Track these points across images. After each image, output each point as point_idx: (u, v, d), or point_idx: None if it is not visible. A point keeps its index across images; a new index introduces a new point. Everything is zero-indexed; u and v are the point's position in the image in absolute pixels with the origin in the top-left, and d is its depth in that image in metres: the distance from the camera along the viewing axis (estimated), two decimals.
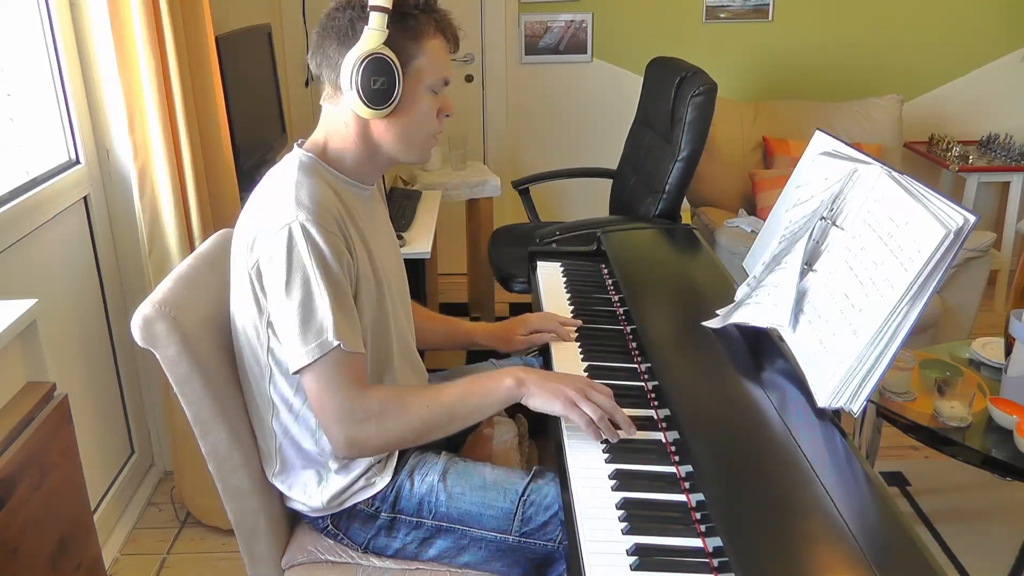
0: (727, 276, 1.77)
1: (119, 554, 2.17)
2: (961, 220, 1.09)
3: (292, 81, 3.68)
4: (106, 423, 2.26)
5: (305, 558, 1.39)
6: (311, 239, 1.18)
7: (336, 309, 1.19)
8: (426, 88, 1.28)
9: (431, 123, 1.32)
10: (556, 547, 1.28)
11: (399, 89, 1.24)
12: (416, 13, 1.26)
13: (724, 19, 3.68)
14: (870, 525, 1.00)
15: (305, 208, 1.19)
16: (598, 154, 3.68)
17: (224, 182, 2.21)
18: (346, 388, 1.20)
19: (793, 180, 1.57)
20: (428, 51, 1.27)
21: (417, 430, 1.27)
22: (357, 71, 1.22)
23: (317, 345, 1.18)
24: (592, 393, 1.25)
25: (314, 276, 1.18)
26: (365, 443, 1.25)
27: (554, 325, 1.58)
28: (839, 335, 1.21)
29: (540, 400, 1.26)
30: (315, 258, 1.18)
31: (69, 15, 2.05)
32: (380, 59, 1.22)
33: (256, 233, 1.23)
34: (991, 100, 3.76)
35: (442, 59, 1.29)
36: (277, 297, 1.20)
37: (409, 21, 1.25)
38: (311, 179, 1.25)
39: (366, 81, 1.22)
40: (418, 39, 1.26)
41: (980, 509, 2.33)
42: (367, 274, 1.28)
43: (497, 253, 3.02)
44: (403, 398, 1.26)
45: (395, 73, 1.23)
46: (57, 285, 2.02)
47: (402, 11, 1.24)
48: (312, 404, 1.24)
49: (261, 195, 1.29)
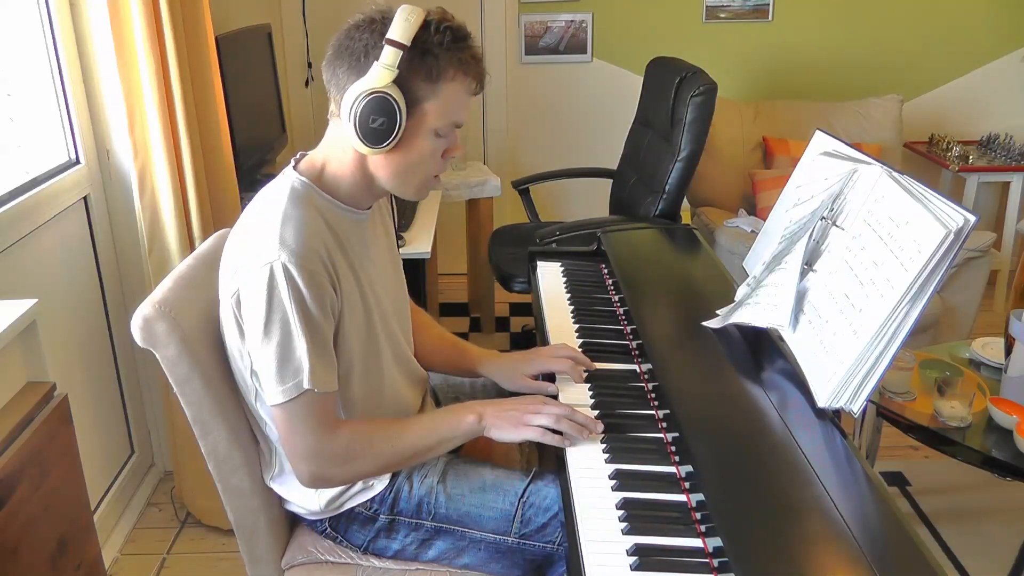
0: (727, 276, 1.77)
1: (119, 554, 2.17)
2: (961, 220, 1.09)
3: (292, 81, 3.68)
4: (106, 423, 2.26)
5: (305, 558, 1.39)
6: (292, 281, 1.14)
7: (312, 352, 1.16)
8: (430, 131, 1.21)
9: (432, 166, 1.25)
10: (555, 548, 1.28)
11: (399, 132, 1.17)
12: (438, 52, 1.17)
13: (724, 19, 3.68)
14: (870, 525, 1.00)
15: (288, 248, 1.14)
16: (598, 154, 3.68)
17: (224, 182, 2.21)
18: (314, 428, 1.20)
19: (793, 180, 1.57)
20: (443, 94, 1.19)
21: (380, 467, 1.29)
22: (358, 105, 1.15)
23: (293, 385, 1.16)
24: (544, 407, 1.26)
25: (293, 319, 1.15)
26: (329, 480, 1.27)
27: (569, 366, 1.44)
28: (839, 335, 1.21)
29: (499, 432, 1.26)
30: (295, 301, 1.14)
31: (69, 15, 2.05)
32: (383, 99, 1.15)
33: (239, 263, 1.20)
34: (991, 100, 3.76)
35: (457, 103, 1.21)
36: (256, 334, 1.17)
37: (428, 60, 1.16)
38: (300, 211, 1.20)
39: (365, 117, 1.16)
40: (435, 80, 1.18)
41: (980, 509, 2.33)
42: (354, 304, 1.25)
43: (497, 253, 3.02)
44: (369, 436, 1.26)
45: (397, 115, 1.16)
46: (57, 285, 2.02)
47: (423, 48, 1.16)
48: (281, 438, 1.24)
49: (250, 220, 1.24)
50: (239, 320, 1.21)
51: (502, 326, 3.59)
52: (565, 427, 1.24)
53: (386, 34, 1.15)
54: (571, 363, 1.43)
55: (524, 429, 1.25)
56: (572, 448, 1.24)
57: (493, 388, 1.62)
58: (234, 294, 1.20)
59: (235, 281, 1.20)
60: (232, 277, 1.21)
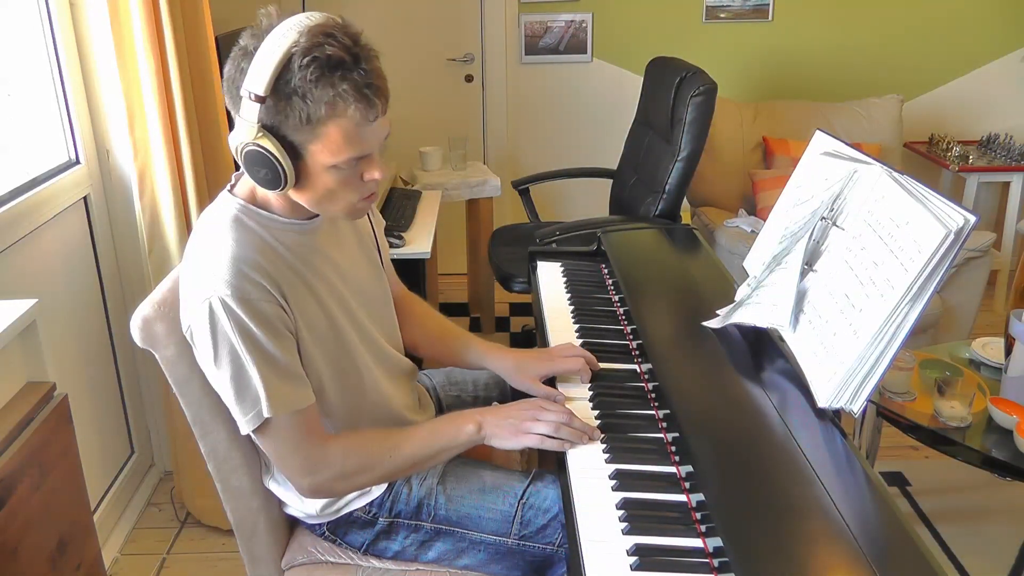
0: (727, 276, 1.77)
1: (119, 554, 2.17)
2: (961, 220, 1.09)
3: None
4: (106, 423, 2.26)
5: (305, 559, 1.39)
6: (232, 313, 1.11)
7: (268, 378, 1.13)
8: (327, 168, 1.10)
9: (348, 194, 1.15)
10: (555, 550, 1.28)
11: (288, 178, 1.10)
12: (305, 91, 1.04)
13: (724, 19, 3.68)
14: (870, 525, 1.00)
15: (224, 280, 1.11)
16: (598, 154, 3.68)
17: (224, 182, 2.19)
18: (299, 446, 1.19)
19: (793, 180, 1.57)
20: (326, 135, 1.07)
21: (380, 477, 1.28)
22: (239, 156, 1.09)
23: (254, 415, 1.15)
24: (542, 413, 1.25)
25: (241, 350, 1.12)
26: (329, 491, 1.27)
27: (581, 364, 1.41)
28: (839, 335, 1.21)
29: (499, 441, 1.26)
30: (238, 332, 1.11)
31: (69, 15, 2.05)
32: (256, 152, 1.07)
33: (186, 300, 1.17)
34: (991, 100, 3.76)
35: (349, 138, 1.08)
36: (208, 369, 1.17)
37: (295, 102, 1.04)
38: (238, 235, 1.16)
39: (250, 168, 1.10)
40: (310, 123, 1.06)
41: (980, 509, 2.33)
42: (311, 315, 1.22)
43: (497, 253, 3.02)
44: (365, 448, 1.25)
45: (277, 165, 1.08)
46: (57, 285, 2.02)
47: (285, 92, 1.04)
48: (273, 462, 1.25)
49: (192, 255, 1.20)
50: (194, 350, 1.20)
51: (502, 326, 3.59)
52: (565, 434, 1.23)
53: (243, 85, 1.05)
54: (582, 361, 1.41)
55: (524, 437, 1.24)
56: (572, 448, 1.24)
57: (495, 387, 1.62)
58: (187, 328, 1.18)
59: (187, 318, 1.17)
60: (184, 313, 1.18)
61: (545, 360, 1.43)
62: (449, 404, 1.60)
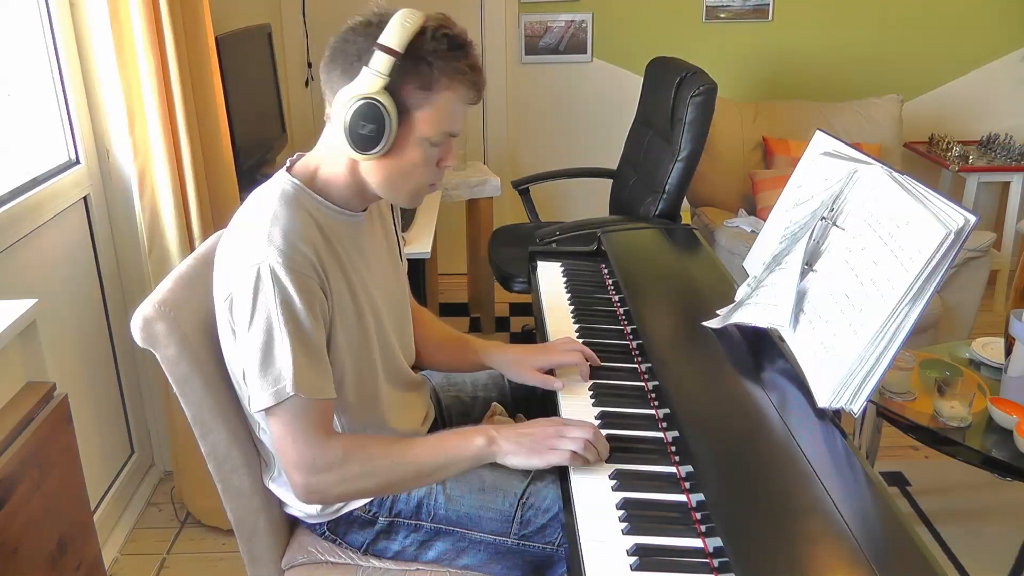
0: (727, 276, 1.77)
1: (119, 554, 2.17)
2: (961, 220, 1.09)
3: (292, 81, 3.68)
4: (106, 423, 2.26)
5: (305, 559, 1.39)
6: (279, 283, 1.12)
7: (299, 356, 1.13)
8: (423, 139, 1.18)
9: (425, 174, 1.22)
10: (555, 549, 1.28)
11: (389, 139, 1.15)
12: (432, 60, 1.14)
13: (724, 19, 3.68)
14: (870, 525, 1.00)
15: (277, 248, 1.13)
16: (598, 154, 3.68)
17: (224, 182, 2.21)
18: (307, 436, 1.16)
19: (793, 180, 1.57)
20: (436, 104, 1.16)
21: (380, 485, 1.24)
22: (348, 110, 1.14)
23: (274, 392, 1.13)
24: (567, 430, 1.20)
25: (277, 321, 1.13)
26: (325, 492, 1.21)
27: (579, 358, 1.44)
28: (839, 335, 1.21)
29: (517, 459, 1.20)
30: (281, 303, 1.12)
31: (69, 15, 2.05)
32: (372, 105, 1.13)
33: (229, 267, 1.18)
34: (991, 100, 3.76)
35: (451, 113, 1.18)
36: (241, 335, 1.16)
37: (422, 67, 1.14)
38: (290, 212, 1.18)
39: (354, 123, 1.14)
40: (428, 89, 1.15)
41: (980, 509, 2.33)
42: (344, 307, 1.23)
43: (497, 253, 3.02)
44: (368, 450, 1.21)
45: (386, 122, 1.14)
46: (57, 285, 2.02)
47: (417, 55, 1.13)
48: (275, 446, 1.22)
49: (240, 223, 1.22)
50: (232, 323, 1.19)
51: (502, 326, 3.59)
52: (592, 457, 1.18)
53: (379, 39, 1.12)
54: (580, 356, 1.43)
55: (550, 454, 1.18)
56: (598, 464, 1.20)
57: (495, 387, 1.62)
58: (227, 297, 1.18)
59: (228, 286, 1.18)
60: (226, 280, 1.19)
61: (544, 353, 1.46)
62: (448, 404, 1.60)
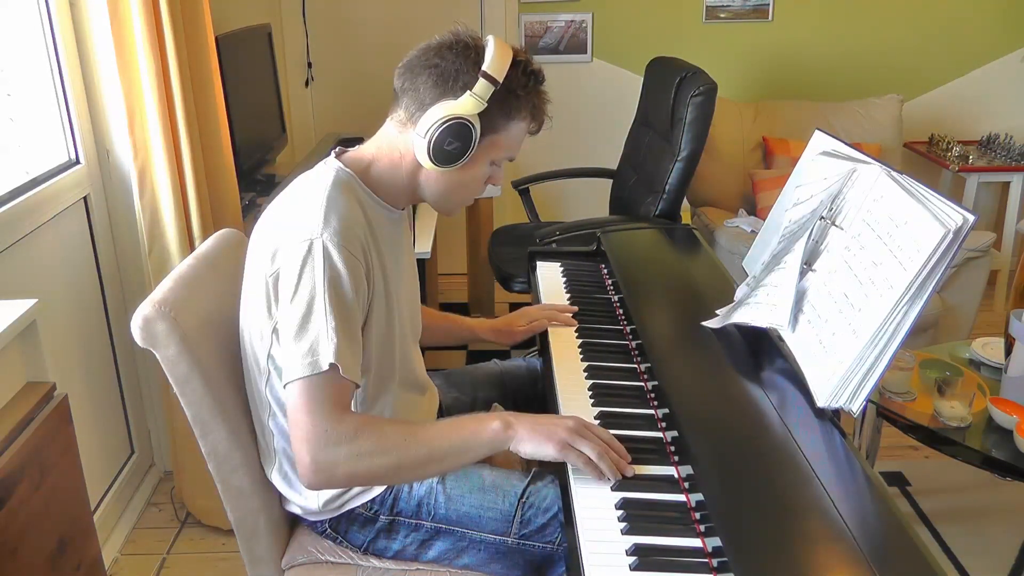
0: (727, 276, 1.77)
1: (119, 554, 2.17)
2: (961, 220, 1.09)
3: (292, 81, 3.68)
4: (106, 423, 2.26)
5: (305, 558, 1.39)
6: (330, 259, 1.15)
7: (339, 332, 1.14)
8: (489, 160, 1.29)
9: (476, 189, 1.33)
10: (555, 549, 1.28)
11: (469, 156, 1.24)
12: (521, 93, 1.25)
13: (724, 19, 3.68)
14: (870, 525, 1.00)
15: (332, 227, 1.16)
16: (598, 154, 3.68)
17: (224, 182, 2.21)
18: (324, 409, 1.13)
19: (793, 180, 1.57)
20: (511, 130, 1.27)
21: (390, 465, 1.17)
22: (439, 125, 1.20)
23: (311, 363, 1.12)
24: (587, 432, 1.18)
25: (321, 296, 1.14)
26: (332, 469, 1.14)
27: (551, 312, 1.66)
28: (838, 335, 1.21)
29: (531, 446, 1.17)
30: (328, 279, 1.14)
31: (69, 15, 2.05)
32: (466, 126, 1.21)
33: (279, 243, 1.19)
34: (991, 100, 3.76)
35: (518, 140, 1.30)
36: (283, 306, 1.17)
37: (510, 99, 1.24)
38: (344, 197, 1.22)
39: (442, 138, 1.21)
40: (509, 117, 1.26)
41: (980, 509, 2.33)
42: (380, 299, 1.26)
43: (497, 253, 3.02)
44: (382, 428, 1.18)
45: (472, 143, 1.23)
46: (57, 285, 2.02)
47: (509, 86, 1.23)
48: (289, 418, 1.18)
49: (288, 203, 1.25)
50: (271, 299, 1.20)
51: None
52: (606, 467, 1.15)
53: (481, 65, 1.21)
54: (552, 312, 1.65)
55: (566, 450, 1.16)
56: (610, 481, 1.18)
57: (494, 387, 1.66)
58: (273, 273, 1.19)
59: (275, 263, 1.19)
60: (271, 260, 1.20)
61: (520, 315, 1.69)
62: (448, 405, 1.60)
